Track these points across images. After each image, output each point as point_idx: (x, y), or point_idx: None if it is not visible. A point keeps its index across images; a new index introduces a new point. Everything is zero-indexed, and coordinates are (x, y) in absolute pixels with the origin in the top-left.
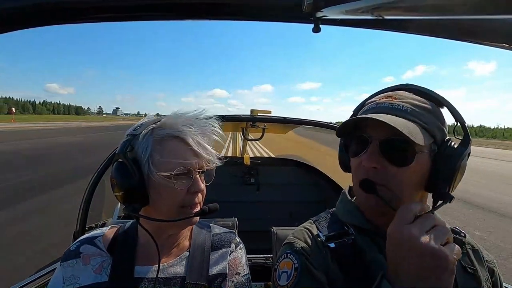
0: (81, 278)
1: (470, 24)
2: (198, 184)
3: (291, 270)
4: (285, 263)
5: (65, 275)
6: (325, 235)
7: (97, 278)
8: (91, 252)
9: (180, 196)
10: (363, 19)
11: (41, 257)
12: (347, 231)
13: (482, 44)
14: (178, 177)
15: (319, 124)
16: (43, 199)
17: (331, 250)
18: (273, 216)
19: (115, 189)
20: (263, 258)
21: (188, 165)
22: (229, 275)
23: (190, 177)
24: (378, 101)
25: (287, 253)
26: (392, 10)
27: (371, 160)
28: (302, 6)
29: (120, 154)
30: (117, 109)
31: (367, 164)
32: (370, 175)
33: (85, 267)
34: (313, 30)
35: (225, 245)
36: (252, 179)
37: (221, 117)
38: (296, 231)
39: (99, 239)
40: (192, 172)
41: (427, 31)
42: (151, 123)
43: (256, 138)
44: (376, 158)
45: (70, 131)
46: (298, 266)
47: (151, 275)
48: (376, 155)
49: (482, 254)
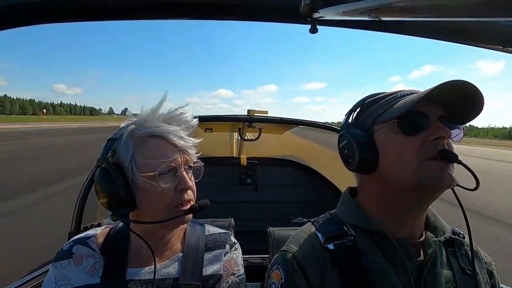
0: (73, 279)
1: (466, 26)
2: (185, 181)
3: (278, 284)
4: (275, 274)
5: (57, 275)
6: (324, 236)
7: (89, 280)
8: (83, 253)
9: (168, 195)
10: (360, 20)
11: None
12: (347, 231)
13: (477, 46)
14: (162, 176)
15: (317, 125)
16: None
17: (330, 252)
18: (269, 216)
19: (99, 196)
20: (260, 259)
21: (172, 162)
22: (224, 276)
23: (176, 175)
24: (407, 91)
25: (278, 264)
26: (389, 12)
27: (447, 131)
28: (299, 6)
29: (101, 159)
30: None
31: (446, 134)
32: (447, 147)
33: (77, 268)
34: (310, 31)
35: (220, 246)
36: (249, 179)
37: (219, 118)
38: (294, 236)
39: (92, 240)
40: (177, 169)
41: (424, 33)
42: (131, 124)
43: (253, 138)
44: (446, 129)
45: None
46: (284, 282)
47: (143, 277)
48: (442, 127)
49: (481, 256)
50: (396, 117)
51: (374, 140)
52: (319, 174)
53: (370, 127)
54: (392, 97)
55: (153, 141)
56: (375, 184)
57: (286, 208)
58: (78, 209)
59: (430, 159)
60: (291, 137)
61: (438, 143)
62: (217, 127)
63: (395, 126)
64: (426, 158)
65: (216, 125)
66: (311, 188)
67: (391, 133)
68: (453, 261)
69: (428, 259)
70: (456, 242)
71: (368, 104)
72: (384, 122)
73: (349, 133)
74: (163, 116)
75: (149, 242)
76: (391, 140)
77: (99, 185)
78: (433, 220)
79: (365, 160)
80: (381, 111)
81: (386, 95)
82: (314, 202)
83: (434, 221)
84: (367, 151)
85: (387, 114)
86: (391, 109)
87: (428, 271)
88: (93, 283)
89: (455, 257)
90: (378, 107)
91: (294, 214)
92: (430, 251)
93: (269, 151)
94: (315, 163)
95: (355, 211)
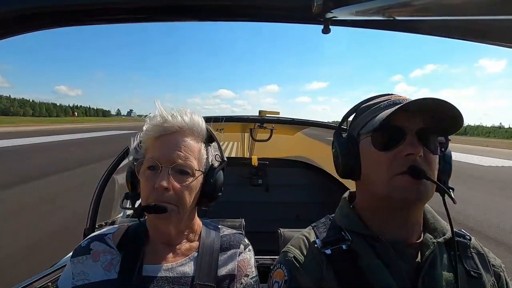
0: (91, 274)
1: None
2: (160, 179)
3: (282, 281)
4: (278, 273)
5: (75, 271)
6: (322, 241)
7: (107, 275)
8: (101, 249)
9: (146, 191)
10: (374, 20)
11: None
12: (344, 236)
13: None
14: (147, 172)
15: (329, 126)
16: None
17: (327, 257)
18: (280, 217)
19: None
20: (270, 260)
21: (155, 159)
22: (237, 277)
23: (157, 172)
24: (393, 99)
25: (280, 263)
26: (403, 11)
27: (417, 148)
28: (312, 7)
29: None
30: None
31: (415, 151)
32: (416, 163)
33: (94, 263)
34: (322, 31)
35: (234, 246)
36: (260, 180)
37: (230, 118)
38: (294, 239)
39: (109, 237)
40: (158, 167)
41: (439, 32)
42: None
43: (264, 139)
44: (418, 146)
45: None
46: (287, 279)
47: (160, 274)
48: (416, 144)
49: (488, 258)
50: (372, 131)
51: (359, 150)
52: (330, 175)
53: (357, 136)
54: (377, 106)
55: (156, 142)
56: (362, 189)
57: (296, 209)
58: (94, 207)
59: (399, 174)
60: (302, 138)
61: (409, 159)
62: (228, 128)
63: (370, 140)
64: (395, 174)
65: (228, 126)
66: (322, 190)
67: (369, 145)
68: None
69: (425, 260)
70: (460, 244)
71: (360, 111)
72: (365, 134)
73: (337, 142)
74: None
75: (162, 239)
76: (369, 152)
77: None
78: (432, 221)
79: (347, 168)
80: (365, 122)
81: (374, 103)
82: (325, 204)
83: (433, 222)
84: (349, 160)
85: (368, 126)
86: (371, 121)
87: (426, 273)
88: (111, 278)
89: (460, 259)
90: (364, 117)
91: (304, 215)
92: (427, 253)
93: (280, 152)
94: (326, 164)
95: (351, 215)
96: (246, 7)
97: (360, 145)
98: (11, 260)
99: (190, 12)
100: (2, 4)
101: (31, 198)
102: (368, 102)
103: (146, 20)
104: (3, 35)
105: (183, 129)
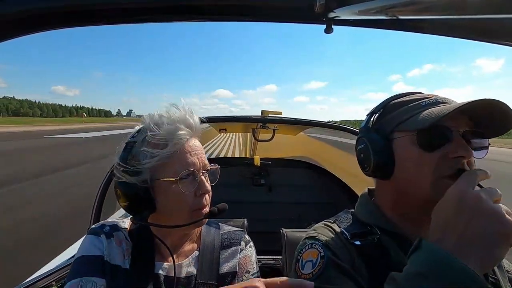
0: (112, 255)
1: (486, 23)
2: (205, 186)
3: (316, 259)
4: (310, 252)
5: (106, 246)
6: (350, 233)
7: (123, 264)
8: (120, 237)
9: (188, 199)
10: (377, 19)
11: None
12: (371, 230)
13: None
14: (183, 181)
15: (332, 126)
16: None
17: (356, 248)
18: (282, 217)
19: (120, 200)
20: (273, 260)
21: (191, 167)
22: (239, 273)
23: (195, 179)
24: (433, 98)
25: (312, 243)
26: (406, 10)
27: (469, 152)
28: (315, 6)
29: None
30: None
31: (467, 155)
32: (464, 166)
33: (117, 247)
34: (325, 31)
35: (235, 243)
36: (262, 180)
37: (233, 118)
38: (317, 227)
39: (124, 230)
40: (196, 173)
41: (442, 31)
42: (147, 129)
43: (266, 139)
44: (469, 149)
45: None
46: (324, 254)
47: (166, 273)
48: (467, 146)
49: (503, 264)
50: (418, 129)
51: (392, 148)
52: (333, 176)
53: (390, 133)
54: (416, 104)
55: (173, 147)
56: (391, 189)
57: (299, 209)
58: (97, 207)
59: (447, 177)
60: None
61: (458, 162)
62: (231, 128)
63: (415, 139)
64: (442, 176)
65: (230, 126)
66: (324, 190)
67: (410, 144)
68: None
69: None
70: None
71: (391, 107)
72: (404, 132)
73: (367, 137)
74: (179, 122)
75: (166, 240)
76: (409, 151)
77: (120, 188)
78: None
79: (380, 167)
80: (403, 119)
81: (410, 100)
82: (327, 204)
83: None
84: (383, 158)
85: (409, 124)
86: (413, 119)
87: None
88: (125, 267)
89: None
90: (400, 114)
91: (306, 216)
92: None
93: (282, 152)
94: (329, 164)
95: (375, 212)
96: (248, 7)
97: (394, 143)
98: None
99: (191, 12)
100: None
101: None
102: (397, 99)
103: (145, 21)
104: (2, 37)
105: (197, 130)
